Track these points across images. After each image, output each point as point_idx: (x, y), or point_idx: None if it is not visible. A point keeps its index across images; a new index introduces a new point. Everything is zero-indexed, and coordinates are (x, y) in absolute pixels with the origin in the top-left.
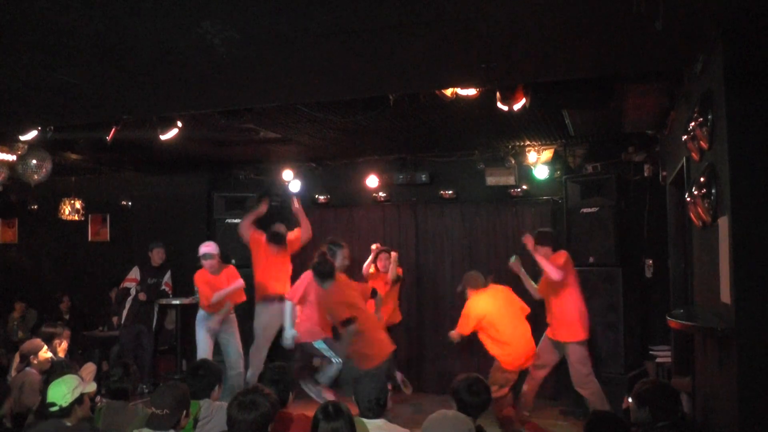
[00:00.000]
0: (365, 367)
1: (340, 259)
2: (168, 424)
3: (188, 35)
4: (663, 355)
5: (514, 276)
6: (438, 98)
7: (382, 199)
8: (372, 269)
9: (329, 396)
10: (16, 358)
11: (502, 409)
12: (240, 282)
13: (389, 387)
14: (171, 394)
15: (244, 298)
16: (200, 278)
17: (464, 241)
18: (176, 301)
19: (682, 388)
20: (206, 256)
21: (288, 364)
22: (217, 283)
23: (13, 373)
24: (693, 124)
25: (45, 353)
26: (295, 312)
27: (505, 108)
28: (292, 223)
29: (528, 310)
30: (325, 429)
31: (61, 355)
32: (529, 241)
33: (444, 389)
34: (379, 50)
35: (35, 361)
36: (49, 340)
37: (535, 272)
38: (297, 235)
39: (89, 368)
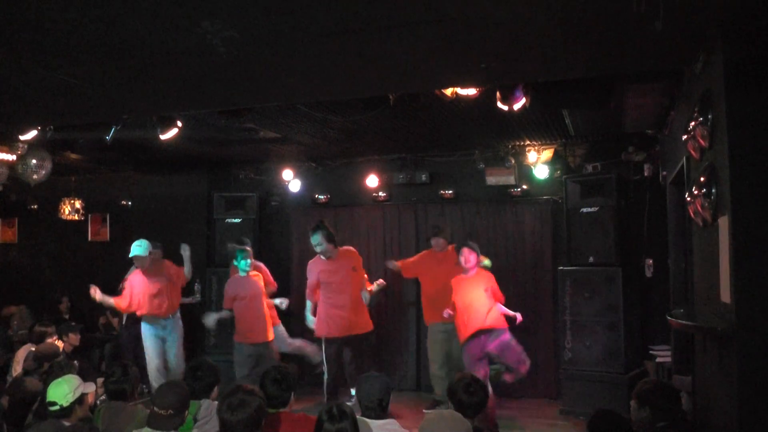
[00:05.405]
0: None
1: None
2: (170, 424)
3: (188, 35)
4: (663, 354)
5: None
6: (438, 98)
7: (382, 199)
8: None
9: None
10: (18, 357)
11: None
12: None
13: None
14: (173, 393)
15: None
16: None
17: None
18: None
19: (683, 386)
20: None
21: (290, 364)
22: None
23: (17, 368)
24: (693, 123)
25: (59, 359)
26: None
27: (505, 108)
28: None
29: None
30: (330, 430)
31: None
32: None
33: None
34: (379, 50)
35: (47, 365)
36: (41, 339)
37: None
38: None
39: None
